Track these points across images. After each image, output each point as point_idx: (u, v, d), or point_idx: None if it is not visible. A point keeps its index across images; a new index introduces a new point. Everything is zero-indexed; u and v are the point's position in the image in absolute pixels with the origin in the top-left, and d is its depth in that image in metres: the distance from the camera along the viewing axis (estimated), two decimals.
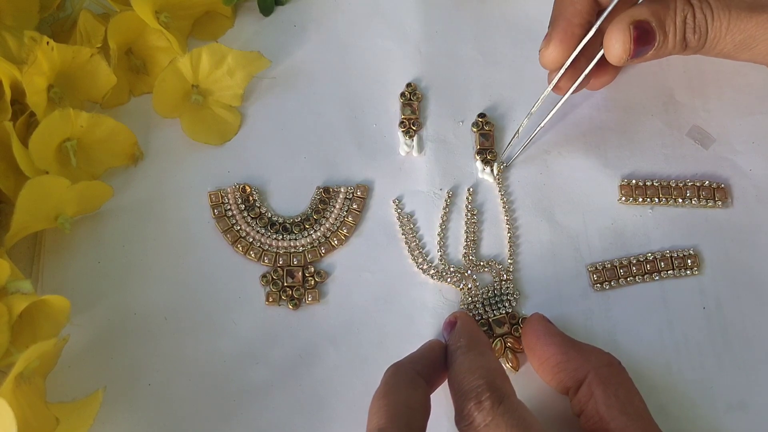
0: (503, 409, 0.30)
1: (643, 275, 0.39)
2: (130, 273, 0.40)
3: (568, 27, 0.37)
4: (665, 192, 0.41)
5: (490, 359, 0.33)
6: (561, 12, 0.37)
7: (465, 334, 0.35)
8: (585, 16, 0.37)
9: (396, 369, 0.33)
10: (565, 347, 0.35)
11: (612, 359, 0.34)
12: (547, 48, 0.37)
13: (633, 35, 0.34)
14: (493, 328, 0.38)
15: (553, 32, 0.37)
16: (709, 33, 0.35)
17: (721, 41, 0.35)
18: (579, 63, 0.38)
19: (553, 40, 0.37)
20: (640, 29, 0.34)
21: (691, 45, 0.35)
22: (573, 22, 0.37)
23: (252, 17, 0.47)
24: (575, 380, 0.34)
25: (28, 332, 0.35)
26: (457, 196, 0.42)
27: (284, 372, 0.38)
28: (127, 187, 0.42)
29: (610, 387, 0.32)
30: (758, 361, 0.38)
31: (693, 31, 0.35)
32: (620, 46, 0.34)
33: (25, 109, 0.39)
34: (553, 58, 0.38)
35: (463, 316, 0.37)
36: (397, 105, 0.44)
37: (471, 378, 0.31)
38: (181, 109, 0.43)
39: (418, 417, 0.31)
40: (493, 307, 0.39)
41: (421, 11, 0.47)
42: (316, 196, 0.42)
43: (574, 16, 0.37)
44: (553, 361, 0.34)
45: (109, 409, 0.36)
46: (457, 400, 0.32)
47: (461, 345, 0.34)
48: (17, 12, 0.42)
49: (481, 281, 0.40)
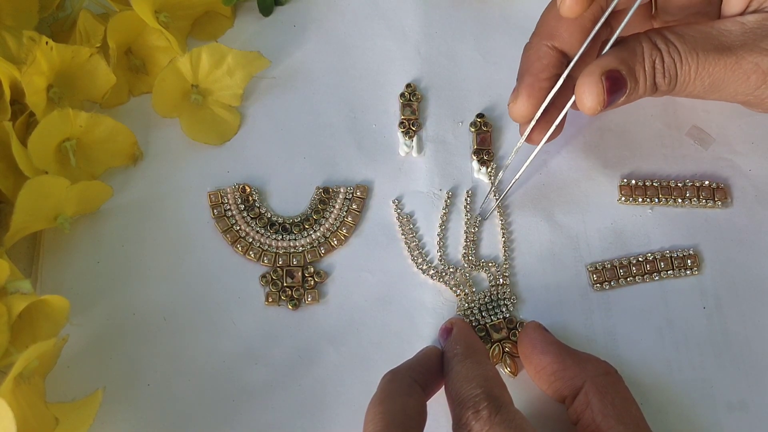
0: (500, 419, 0.30)
1: (643, 275, 0.39)
2: (130, 273, 0.40)
3: (535, 81, 0.37)
4: (665, 192, 0.41)
5: (487, 367, 0.33)
6: (528, 67, 0.37)
7: (461, 341, 0.35)
8: (552, 69, 0.37)
9: (392, 376, 0.34)
10: (562, 356, 0.35)
11: (609, 368, 0.34)
12: (515, 103, 0.37)
13: (605, 86, 0.33)
14: (491, 333, 0.38)
15: (521, 87, 0.37)
16: (678, 76, 0.34)
17: (690, 84, 0.35)
18: (550, 114, 0.37)
19: (521, 95, 0.37)
20: (611, 79, 0.33)
21: (662, 88, 0.35)
22: (540, 76, 0.37)
23: (252, 17, 0.47)
24: (572, 389, 0.33)
25: (27, 332, 0.35)
26: (457, 196, 0.42)
27: (284, 372, 0.38)
28: (126, 187, 0.42)
29: (606, 396, 0.32)
30: (758, 361, 0.38)
31: (663, 75, 0.34)
32: (593, 98, 0.34)
33: (25, 109, 0.39)
34: (522, 113, 0.38)
35: (459, 323, 0.37)
36: (396, 105, 0.44)
37: (468, 387, 0.32)
38: (181, 108, 0.43)
39: (415, 424, 0.31)
40: (490, 312, 0.39)
41: (420, 12, 0.47)
42: (316, 196, 0.42)
43: (541, 70, 0.37)
44: (550, 369, 0.34)
45: (108, 409, 0.36)
46: (455, 408, 0.32)
47: (458, 352, 0.34)
48: (17, 12, 0.42)
49: (479, 286, 0.40)
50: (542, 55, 0.37)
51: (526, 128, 0.38)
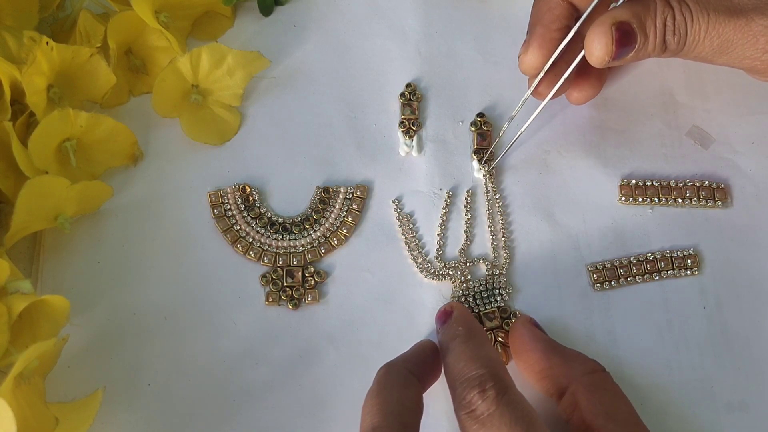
0: (507, 400, 0.30)
1: (643, 275, 0.39)
2: (130, 273, 0.40)
3: (546, 32, 0.37)
4: (665, 192, 0.41)
5: (490, 349, 0.33)
6: (539, 18, 0.38)
7: (462, 322, 0.35)
8: (563, 20, 0.37)
9: (388, 368, 0.33)
10: (549, 353, 0.34)
11: (596, 366, 0.34)
12: (526, 54, 0.38)
13: (615, 36, 0.34)
14: (484, 321, 0.38)
15: (531, 38, 0.37)
16: (688, 35, 0.35)
17: (699, 44, 0.35)
18: (559, 68, 0.38)
19: (531, 46, 0.37)
20: (621, 31, 0.34)
21: (671, 47, 0.35)
22: (551, 27, 0.37)
23: (252, 17, 0.47)
24: (558, 388, 0.33)
25: (27, 332, 0.35)
26: (457, 196, 0.42)
27: (284, 372, 0.38)
28: (126, 186, 0.42)
29: (594, 394, 0.32)
30: (758, 361, 0.38)
31: (673, 33, 0.34)
32: (602, 47, 0.34)
33: (25, 109, 0.39)
34: (532, 63, 0.38)
35: (458, 306, 0.37)
36: (396, 105, 0.44)
37: (473, 366, 0.31)
38: (181, 108, 0.43)
39: (412, 415, 0.31)
40: (484, 300, 0.39)
41: (420, 11, 0.47)
42: (316, 196, 0.42)
43: (552, 21, 0.37)
44: (537, 367, 0.34)
45: (108, 409, 0.36)
46: (458, 387, 0.31)
47: (460, 333, 0.34)
48: (17, 12, 0.42)
49: (475, 276, 0.40)
50: (553, 5, 0.37)
51: (534, 81, 0.38)
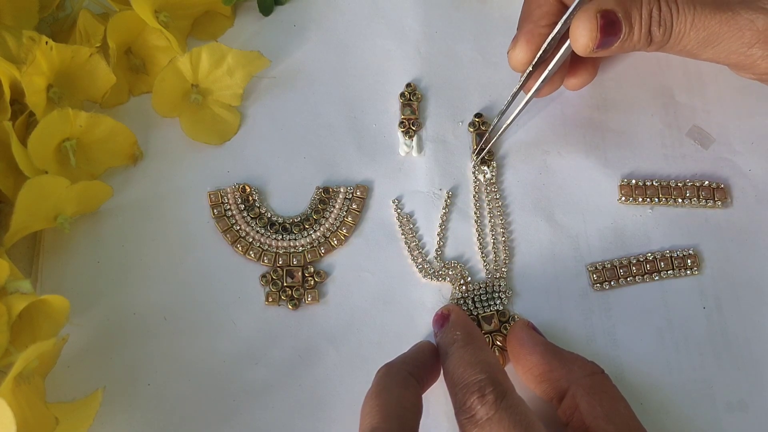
0: (506, 404, 0.30)
1: (643, 275, 0.39)
2: (130, 273, 0.40)
3: (534, 28, 0.37)
4: (665, 192, 0.41)
5: (489, 354, 0.33)
6: (528, 14, 0.38)
7: (460, 326, 0.35)
8: (551, 17, 0.37)
9: (387, 369, 0.34)
10: (548, 357, 0.34)
11: (595, 368, 0.34)
12: (514, 49, 0.38)
13: (599, 24, 0.34)
14: (482, 324, 0.38)
15: (520, 34, 0.38)
16: (674, 27, 0.35)
17: (685, 37, 0.35)
18: (548, 62, 0.38)
19: (519, 42, 0.38)
20: (606, 19, 0.34)
21: (656, 39, 0.35)
22: (539, 23, 0.37)
23: (252, 17, 0.47)
24: (558, 391, 0.33)
25: (27, 332, 0.35)
26: (457, 196, 0.42)
27: (284, 372, 0.38)
28: (126, 186, 0.42)
29: (593, 397, 0.32)
30: (758, 361, 0.38)
31: (658, 24, 0.34)
32: (587, 34, 0.34)
33: (25, 109, 0.39)
34: (520, 59, 0.38)
35: (456, 309, 0.37)
36: (396, 105, 0.44)
37: (472, 371, 0.31)
38: (181, 108, 0.43)
39: (411, 416, 0.31)
40: (483, 303, 0.39)
41: (420, 12, 0.47)
42: (316, 196, 0.42)
43: (541, 17, 0.37)
44: (536, 371, 0.34)
45: (108, 409, 0.36)
46: (458, 392, 0.31)
47: (458, 338, 0.34)
48: (17, 12, 0.42)
49: (475, 279, 0.40)
50: (542, 2, 0.38)
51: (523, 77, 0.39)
